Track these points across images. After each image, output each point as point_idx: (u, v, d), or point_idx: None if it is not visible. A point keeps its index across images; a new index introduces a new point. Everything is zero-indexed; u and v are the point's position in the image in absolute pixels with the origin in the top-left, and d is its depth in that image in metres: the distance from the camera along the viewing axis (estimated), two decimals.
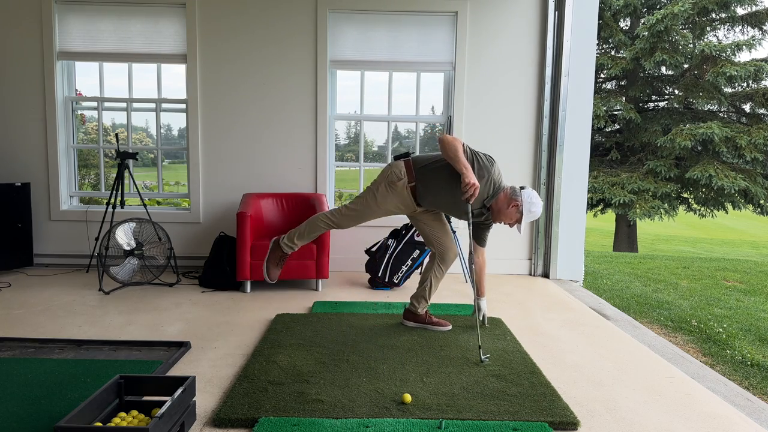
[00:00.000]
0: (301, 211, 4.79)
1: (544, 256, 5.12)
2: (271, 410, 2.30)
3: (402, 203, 3.16)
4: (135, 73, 5.13)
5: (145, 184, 5.90)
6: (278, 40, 4.99)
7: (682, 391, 2.65)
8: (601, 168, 13.10)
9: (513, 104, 5.08)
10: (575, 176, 5.04)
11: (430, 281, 3.38)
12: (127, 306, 3.89)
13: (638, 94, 13.17)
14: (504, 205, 3.06)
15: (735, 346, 4.42)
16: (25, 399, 2.39)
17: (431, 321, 3.41)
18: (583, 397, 2.56)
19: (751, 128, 11.78)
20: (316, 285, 4.47)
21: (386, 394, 2.49)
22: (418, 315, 3.42)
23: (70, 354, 2.95)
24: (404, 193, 3.12)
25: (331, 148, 5.20)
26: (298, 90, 5.04)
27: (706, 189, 12.17)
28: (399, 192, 3.11)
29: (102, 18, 4.97)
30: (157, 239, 4.51)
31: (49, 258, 5.13)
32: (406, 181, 3.10)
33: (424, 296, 3.40)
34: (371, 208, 3.15)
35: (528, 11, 5.00)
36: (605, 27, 13.02)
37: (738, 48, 11.98)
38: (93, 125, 5.75)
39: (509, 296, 4.39)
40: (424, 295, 3.40)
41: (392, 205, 3.15)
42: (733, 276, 7.55)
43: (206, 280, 4.46)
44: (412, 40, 5.01)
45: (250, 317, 3.67)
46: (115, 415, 2.10)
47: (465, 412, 2.33)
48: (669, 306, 5.63)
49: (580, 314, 3.94)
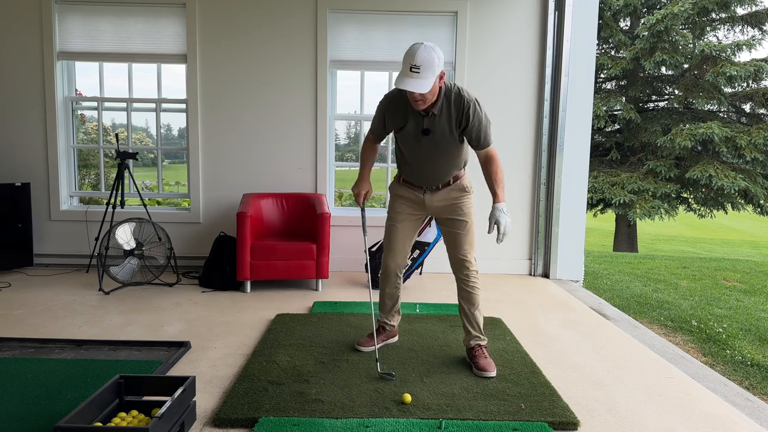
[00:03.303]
0: (301, 211, 4.79)
1: (544, 256, 5.12)
2: (271, 410, 2.30)
3: (409, 201, 2.95)
4: (135, 73, 5.13)
5: (145, 184, 5.90)
6: (278, 39, 4.99)
7: (682, 391, 2.65)
8: (601, 168, 13.09)
9: (513, 104, 5.07)
10: (575, 176, 5.04)
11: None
12: (127, 306, 3.89)
13: (638, 94, 13.17)
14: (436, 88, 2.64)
15: (735, 346, 4.42)
16: (25, 399, 2.39)
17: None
18: (583, 397, 2.56)
19: (751, 128, 11.77)
20: (316, 285, 4.46)
21: (386, 394, 2.49)
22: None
23: (70, 354, 2.95)
24: (405, 189, 2.95)
25: (331, 148, 5.20)
26: (298, 90, 5.04)
27: (706, 189, 12.16)
28: (401, 193, 2.97)
29: (102, 18, 4.97)
30: (157, 239, 4.51)
31: (49, 258, 5.13)
32: (397, 180, 3.00)
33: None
34: (394, 226, 2.96)
35: (528, 11, 5.00)
36: (605, 27, 13.01)
37: (738, 48, 11.98)
38: (93, 125, 5.74)
39: (509, 296, 4.39)
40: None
41: (404, 208, 2.96)
42: (733, 276, 7.55)
43: (206, 280, 4.46)
44: (412, 40, 5.00)
45: (250, 317, 3.67)
46: (115, 415, 2.10)
47: (465, 412, 2.33)
48: (669, 306, 5.63)
49: (580, 314, 3.94)
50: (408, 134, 2.75)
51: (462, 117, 2.66)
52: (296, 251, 4.29)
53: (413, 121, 2.71)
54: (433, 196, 2.89)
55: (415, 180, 2.91)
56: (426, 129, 2.68)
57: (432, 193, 2.89)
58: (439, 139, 2.71)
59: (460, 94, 2.66)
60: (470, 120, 2.65)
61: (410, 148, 2.79)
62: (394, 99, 2.75)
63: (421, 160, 2.80)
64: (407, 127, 2.73)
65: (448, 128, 2.69)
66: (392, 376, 2.65)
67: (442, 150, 2.74)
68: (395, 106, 2.74)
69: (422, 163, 2.81)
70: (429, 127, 2.68)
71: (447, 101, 2.65)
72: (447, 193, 2.88)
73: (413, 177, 2.90)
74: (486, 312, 3.90)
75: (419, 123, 2.69)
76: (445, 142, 2.73)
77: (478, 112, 2.67)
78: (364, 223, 2.97)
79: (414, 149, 2.78)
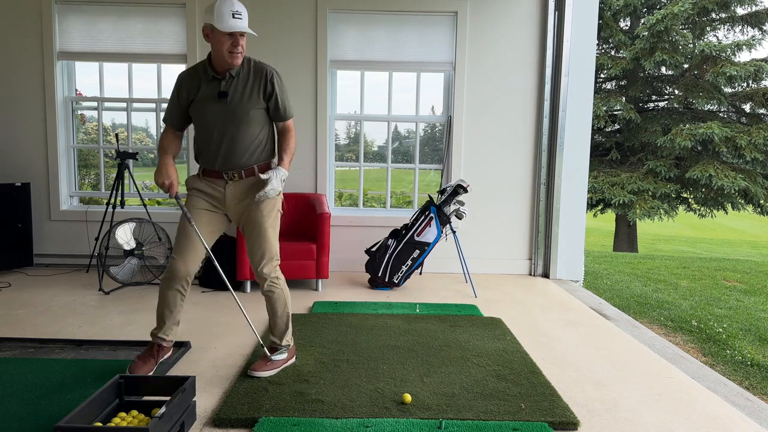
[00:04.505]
0: (301, 211, 4.79)
1: (544, 256, 5.12)
2: (271, 410, 2.30)
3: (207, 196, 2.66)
4: (135, 73, 5.13)
5: (145, 184, 5.90)
6: (278, 39, 4.99)
7: (682, 391, 2.65)
8: (601, 168, 13.09)
9: (513, 104, 5.07)
10: (575, 176, 5.04)
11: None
12: (127, 306, 3.89)
13: (638, 94, 13.17)
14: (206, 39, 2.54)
15: (735, 346, 4.42)
16: (25, 399, 2.39)
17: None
18: (583, 397, 2.56)
19: (751, 128, 11.77)
20: (316, 285, 4.46)
21: (386, 394, 2.49)
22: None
23: (70, 354, 2.95)
24: (204, 183, 2.67)
25: (331, 148, 5.20)
26: (299, 90, 5.04)
27: (706, 189, 12.17)
28: (198, 186, 2.68)
29: (102, 18, 4.97)
30: (157, 239, 4.51)
31: (49, 258, 5.13)
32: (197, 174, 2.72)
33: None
34: (188, 225, 2.62)
35: (528, 11, 5.00)
36: (605, 27, 13.01)
37: (738, 48, 11.98)
38: (93, 125, 5.74)
39: (509, 296, 4.39)
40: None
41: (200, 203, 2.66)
42: (733, 276, 7.55)
43: (206, 280, 4.46)
44: (412, 40, 5.01)
45: (250, 317, 3.67)
46: (115, 415, 2.10)
47: (465, 412, 2.33)
48: (669, 306, 5.63)
49: (580, 314, 3.94)
50: (203, 102, 2.58)
51: (266, 84, 2.63)
52: (296, 251, 4.29)
53: (208, 88, 2.58)
54: (235, 190, 2.64)
55: (212, 163, 2.63)
56: (223, 92, 2.56)
57: (234, 184, 2.64)
58: (236, 105, 2.58)
59: (260, 62, 2.66)
60: (275, 87, 2.64)
61: (205, 121, 2.59)
62: (189, 72, 2.64)
63: (218, 132, 2.59)
64: (202, 93, 2.58)
65: (248, 94, 2.59)
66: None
67: (240, 118, 2.58)
68: (191, 78, 2.62)
69: (219, 135, 2.59)
70: (226, 90, 2.57)
71: (246, 66, 2.62)
72: (248, 187, 2.65)
73: (210, 159, 2.63)
74: (486, 312, 3.90)
75: (214, 88, 2.57)
76: (242, 110, 2.58)
77: (280, 81, 2.68)
78: (188, 215, 2.58)
79: (209, 120, 2.58)
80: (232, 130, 2.59)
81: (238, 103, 2.58)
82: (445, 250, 5.10)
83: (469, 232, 5.16)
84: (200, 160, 2.68)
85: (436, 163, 5.34)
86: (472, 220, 5.14)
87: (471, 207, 5.11)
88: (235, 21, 2.45)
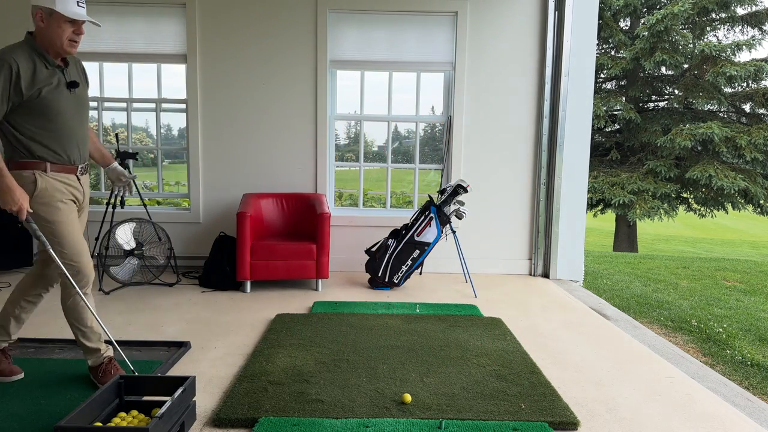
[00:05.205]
0: (301, 211, 4.79)
1: (544, 256, 5.12)
2: (271, 410, 2.30)
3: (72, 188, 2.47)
4: (135, 73, 5.13)
5: (145, 184, 5.89)
6: (278, 39, 4.99)
7: (682, 391, 2.65)
8: (601, 168, 13.09)
9: (513, 104, 5.07)
10: (575, 176, 5.04)
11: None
12: (127, 306, 3.89)
13: (638, 94, 13.17)
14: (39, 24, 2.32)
15: (735, 346, 4.42)
16: (25, 399, 2.39)
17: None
18: (583, 397, 2.56)
19: (751, 128, 11.78)
20: (316, 285, 4.46)
21: (386, 394, 2.49)
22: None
23: (70, 354, 2.95)
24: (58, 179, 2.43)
25: (331, 148, 5.20)
26: (298, 90, 5.04)
27: (706, 189, 12.17)
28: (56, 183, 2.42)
29: (102, 18, 4.97)
30: (157, 239, 4.51)
31: None
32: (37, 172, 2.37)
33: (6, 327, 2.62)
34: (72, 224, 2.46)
35: (528, 11, 5.00)
36: (605, 27, 13.01)
37: (738, 48, 11.98)
38: (93, 125, 5.74)
39: (509, 296, 4.39)
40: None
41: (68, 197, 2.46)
42: (733, 276, 7.55)
43: (206, 280, 4.46)
44: (412, 40, 5.01)
45: (250, 317, 3.67)
46: (115, 415, 2.10)
47: (465, 412, 2.33)
48: (669, 306, 5.63)
49: (580, 314, 3.94)
50: (55, 92, 2.35)
51: (85, 73, 2.60)
52: (296, 251, 4.29)
53: (52, 76, 2.35)
54: (86, 182, 2.55)
55: (68, 158, 2.43)
56: (73, 81, 2.42)
57: (84, 178, 2.54)
58: (81, 93, 2.49)
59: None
60: (87, 79, 2.63)
61: (60, 112, 2.37)
62: (23, 55, 2.29)
63: (75, 124, 2.44)
64: (47, 82, 2.32)
65: (83, 83, 2.54)
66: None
67: (87, 108, 2.54)
68: (27, 62, 2.29)
69: (76, 127, 2.44)
70: (75, 79, 2.45)
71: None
72: (87, 179, 2.57)
73: (67, 154, 2.42)
74: (486, 312, 3.91)
75: (60, 78, 2.38)
76: (87, 100, 2.53)
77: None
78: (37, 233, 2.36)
79: (65, 111, 2.38)
80: (84, 121, 2.53)
81: (82, 93, 2.52)
82: (445, 250, 5.10)
83: (469, 232, 5.16)
84: (44, 154, 2.36)
85: (436, 163, 5.35)
86: (472, 220, 5.14)
87: (471, 207, 5.11)
88: (80, 9, 2.38)
